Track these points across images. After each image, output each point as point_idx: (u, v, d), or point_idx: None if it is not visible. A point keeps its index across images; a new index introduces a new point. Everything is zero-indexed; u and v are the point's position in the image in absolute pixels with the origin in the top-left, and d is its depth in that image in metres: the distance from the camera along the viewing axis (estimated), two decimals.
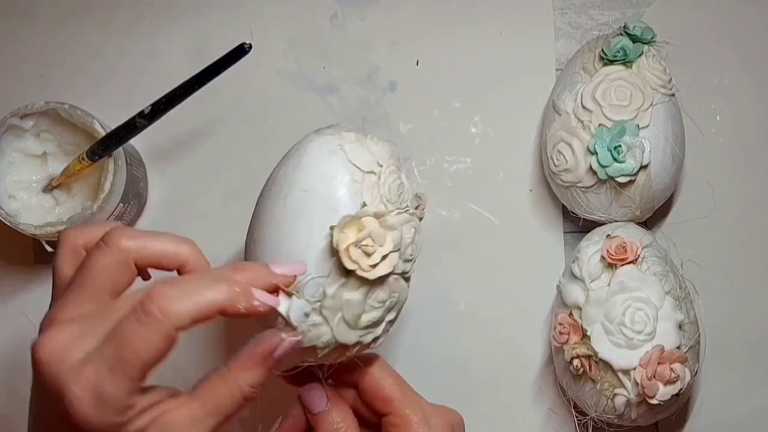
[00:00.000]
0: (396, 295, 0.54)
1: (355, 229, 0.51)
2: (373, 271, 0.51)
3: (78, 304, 0.46)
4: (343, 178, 0.53)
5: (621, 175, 0.63)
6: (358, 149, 0.54)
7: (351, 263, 0.51)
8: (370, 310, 0.52)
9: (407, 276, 0.54)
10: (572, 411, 0.65)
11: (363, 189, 0.53)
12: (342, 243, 0.51)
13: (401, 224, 0.53)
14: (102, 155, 0.60)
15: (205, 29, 0.71)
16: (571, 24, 0.71)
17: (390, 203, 0.53)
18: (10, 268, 0.69)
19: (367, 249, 0.51)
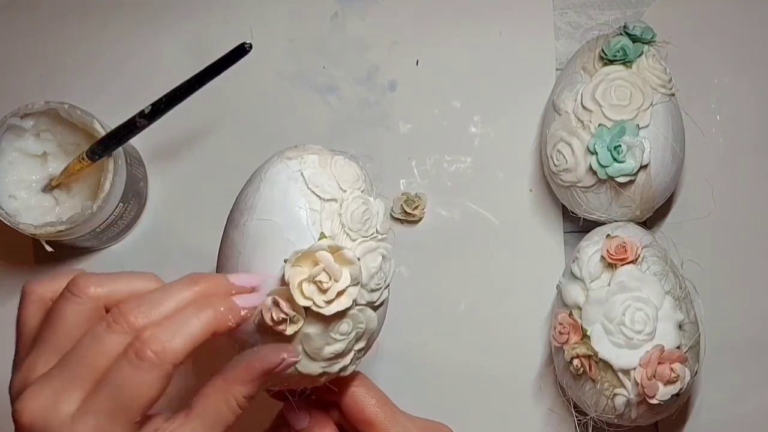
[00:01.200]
0: (362, 325, 0.51)
1: (309, 263, 0.49)
2: (329, 307, 0.49)
3: (49, 358, 0.45)
4: (301, 206, 0.50)
5: (621, 175, 0.63)
6: (320, 174, 0.51)
7: (304, 300, 0.49)
8: (333, 343, 0.50)
9: (376, 305, 0.52)
10: (572, 411, 0.65)
11: (322, 218, 0.50)
12: (294, 279, 0.49)
13: (365, 253, 0.51)
14: (102, 155, 0.60)
15: (205, 29, 0.71)
16: (571, 24, 0.71)
17: (353, 231, 0.51)
18: (10, 268, 0.69)
19: (321, 285, 0.49)
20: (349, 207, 0.51)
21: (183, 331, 0.45)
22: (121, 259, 0.69)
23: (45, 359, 0.45)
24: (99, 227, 0.63)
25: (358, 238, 0.51)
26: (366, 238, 0.51)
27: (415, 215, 0.69)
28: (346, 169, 0.52)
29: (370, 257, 0.51)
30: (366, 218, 0.51)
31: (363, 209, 0.51)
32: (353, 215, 0.51)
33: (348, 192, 0.51)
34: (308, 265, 0.49)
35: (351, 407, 0.54)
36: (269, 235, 0.50)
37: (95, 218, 0.61)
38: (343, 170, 0.52)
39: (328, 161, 0.52)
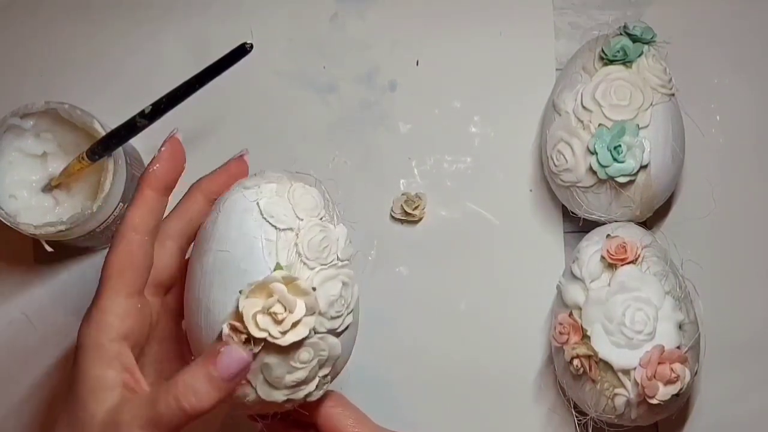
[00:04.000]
0: (324, 353, 0.51)
1: (263, 295, 0.49)
2: (285, 338, 0.49)
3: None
4: (257, 236, 0.51)
5: (621, 175, 0.63)
6: (276, 204, 0.51)
7: (258, 331, 0.49)
8: (294, 371, 0.50)
9: (338, 331, 0.52)
10: (572, 411, 0.65)
11: (279, 248, 0.50)
12: (248, 311, 0.49)
13: (324, 281, 0.51)
14: (102, 155, 0.60)
15: (206, 29, 0.71)
16: (571, 24, 0.71)
17: (310, 260, 0.51)
18: (10, 268, 0.69)
19: (276, 316, 0.49)
20: (305, 236, 0.51)
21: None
22: None
23: None
24: (99, 227, 0.63)
25: (317, 266, 0.51)
26: (325, 266, 0.51)
27: (415, 215, 0.69)
28: (305, 197, 0.52)
29: (329, 285, 0.51)
30: (324, 246, 0.51)
31: (320, 237, 0.51)
32: (310, 244, 0.51)
33: (305, 221, 0.51)
34: (262, 296, 0.49)
35: (328, 427, 0.54)
36: (226, 266, 0.51)
37: (95, 218, 0.61)
38: (301, 199, 0.52)
39: (286, 190, 0.52)
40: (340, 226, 0.53)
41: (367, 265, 0.69)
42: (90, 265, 0.69)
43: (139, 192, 0.53)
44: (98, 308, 0.50)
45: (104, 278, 0.51)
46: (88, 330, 0.50)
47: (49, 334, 0.68)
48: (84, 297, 0.68)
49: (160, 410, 0.48)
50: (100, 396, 0.49)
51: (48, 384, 0.67)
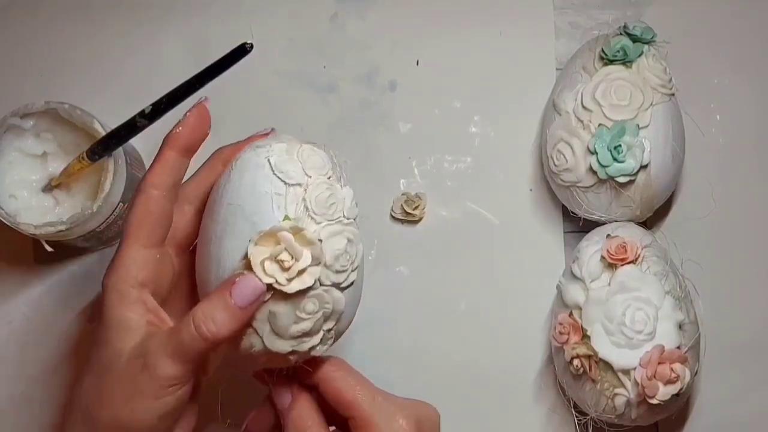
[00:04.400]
0: (329, 305, 0.53)
1: (272, 242, 0.51)
2: (290, 285, 0.51)
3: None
4: (267, 191, 0.53)
5: (621, 174, 0.63)
6: (286, 161, 0.53)
7: (266, 277, 0.51)
8: (300, 321, 0.52)
9: (343, 286, 0.53)
10: (572, 411, 0.65)
11: (287, 202, 0.52)
12: (256, 257, 0.51)
13: (330, 236, 0.52)
14: (102, 155, 0.60)
15: (205, 29, 0.71)
16: (571, 24, 0.71)
17: (317, 215, 0.52)
18: (10, 268, 0.69)
19: (282, 264, 0.51)
20: (313, 192, 0.53)
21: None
22: None
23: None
24: (99, 227, 0.63)
25: (323, 221, 0.53)
26: (331, 221, 0.53)
27: (415, 215, 0.69)
28: (313, 156, 0.54)
29: (335, 240, 0.53)
30: (331, 203, 0.53)
31: (327, 194, 0.53)
32: (317, 199, 0.53)
33: (313, 177, 0.53)
34: (270, 244, 0.51)
35: (330, 391, 0.55)
36: (237, 219, 0.53)
37: (95, 218, 0.61)
38: (310, 158, 0.54)
39: (296, 149, 0.54)
40: (347, 188, 0.55)
41: (367, 265, 0.69)
42: (90, 265, 0.69)
43: (160, 151, 0.55)
44: (119, 258, 0.53)
45: (125, 231, 0.54)
46: (110, 278, 0.53)
47: (49, 333, 0.68)
48: (84, 297, 0.68)
49: (182, 339, 0.50)
50: (125, 336, 0.52)
51: (48, 383, 0.67)
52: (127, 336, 0.52)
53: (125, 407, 0.51)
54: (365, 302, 0.59)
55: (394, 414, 0.54)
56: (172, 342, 0.51)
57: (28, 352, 0.68)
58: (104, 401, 0.52)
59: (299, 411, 0.55)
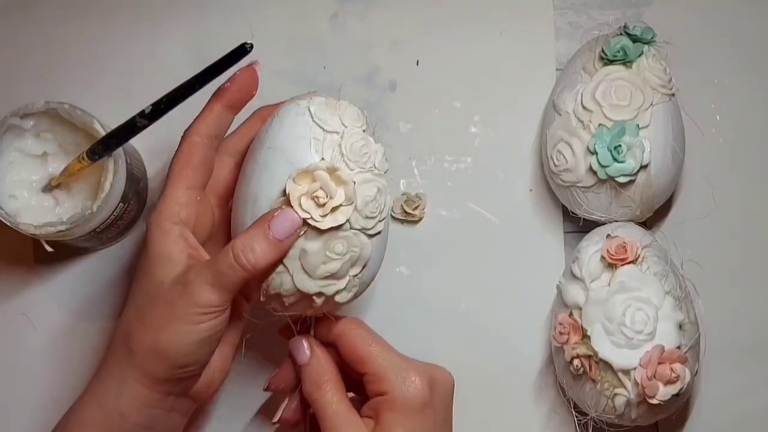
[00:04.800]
0: (356, 249, 0.56)
1: (309, 180, 0.55)
2: (324, 221, 0.54)
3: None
4: (305, 136, 0.56)
5: (621, 175, 0.63)
6: (324, 111, 0.57)
7: (303, 212, 0.54)
8: (328, 261, 0.55)
9: (370, 233, 0.56)
10: (572, 411, 0.65)
11: (324, 147, 0.56)
12: (294, 193, 0.54)
13: (362, 182, 0.55)
14: (102, 155, 0.60)
15: (205, 29, 0.71)
16: (571, 24, 0.72)
17: (351, 162, 0.56)
18: (10, 268, 0.69)
19: (318, 200, 0.54)
20: (349, 140, 0.56)
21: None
22: (121, 259, 0.69)
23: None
24: (99, 227, 0.63)
25: (356, 168, 0.56)
26: (363, 170, 0.56)
27: (415, 215, 0.69)
28: (350, 111, 0.58)
29: (366, 186, 0.56)
30: (364, 152, 0.56)
31: (362, 144, 0.56)
32: (352, 147, 0.56)
33: (349, 128, 0.57)
34: (307, 182, 0.55)
35: (347, 346, 0.58)
36: (277, 161, 0.56)
37: (95, 218, 0.61)
38: (347, 111, 0.57)
39: (335, 103, 0.58)
40: (379, 144, 0.58)
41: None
42: (90, 265, 0.69)
43: (207, 104, 0.58)
44: (162, 198, 0.56)
45: (168, 175, 0.57)
46: (153, 216, 0.56)
47: (49, 334, 0.68)
48: (84, 297, 0.68)
49: (221, 268, 0.53)
50: (167, 267, 0.55)
51: (48, 384, 0.67)
52: (169, 268, 0.55)
53: (165, 332, 0.54)
54: (365, 302, 0.60)
55: (407, 371, 0.56)
56: (211, 270, 0.53)
57: (28, 351, 0.68)
58: (145, 326, 0.54)
59: (316, 366, 0.57)
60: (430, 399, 0.57)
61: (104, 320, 0.68)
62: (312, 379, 0.57)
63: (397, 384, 0.56)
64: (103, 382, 0.56)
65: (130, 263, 0.69)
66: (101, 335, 0.68)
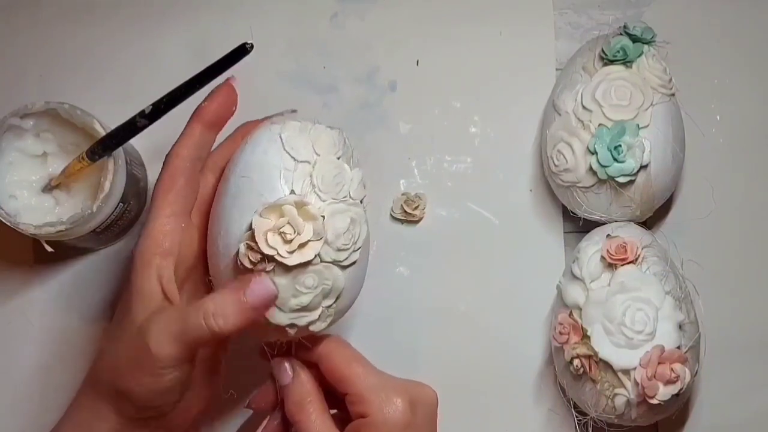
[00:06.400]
0: (328, 282, 0.55)
1: (276, 215, 0.53)
2: (291, 258, 0.53)
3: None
4: (276, 165, 0.55)
5: (621, 175, 0.63)
6: (297, 138, 0.56)
7: (268, 248, 0.53)
8: (299, 295, 0.54)
9: (344, 264, 0.55)
10: (572, 411, 0.65)
11: (294, 178, 0.54)
12: (260, 228, 0.53)
13: (334, 214, 0.54)
14: (102, 155, 0.60)
15: (205, 29, 0.71)
16: (571, 24, 0.71)
17: (323, 193, 0.54)
18: (10, 268, 0.69)
19: (285, 236, 0.53)
20: (320, 169, 0.55)
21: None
22: (121, 259, 0.69)
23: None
24: (99, 227, 0.63)
25: (328, 199, 0.55)
26: (336, 200, 0.55)
27: (415, 215, 0.69)
28: (324, 136, 0.56)
29: (338, 218, 0.54)
30: (338, 182, 0.55)
31: (335, 173, 0.55)
32: (324, 177, 0.55)
33: (322, 156, 0.55)
34: (275, 217, 0.53)
35: (328, 366, 0.56)
36: (246, 191, 0.55)
37: (95, 218, 0.61)
38: (320, 137, 0.56)
39: (308, 128, 0.56)
40: (357, 170, 0.56)
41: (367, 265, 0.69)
42: (90, 265, 0.69)
43: (187, 125, 0.57)
44: (145, 227, 0.56)
45: (152, 202, 0.56)
46: (137, 247, 0.55)
47: (49, 334, 0.68)
48: (84, 297, 0.68)
49: (188, 326, 0.52)
50: (143, 304, 0.54)
51: (47, 384, 0.67)
52: (145, 304, 0.54)
53: (130, 377, 0.53)
54: (365, 302, 0.59)
55: (389, 392, 0.55)
56: (178, 323, 0.52)
57: (28, 352, 0.68)
58: (114, 366, 0.54)
59: (298, 386, 0.57)
60: (413, 419, 0.55)
61: (104, 320, 0.68)
62: (294, 399, 0.56)
63: (379, 406, 0.54)
64: (79, 412, 0.56)
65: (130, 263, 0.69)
66: (101, 335, 0.68)
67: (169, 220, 0.55)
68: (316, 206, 0.54)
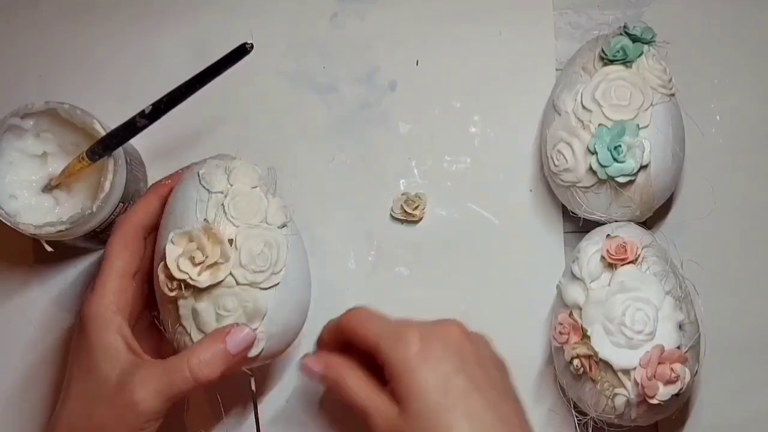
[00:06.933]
0: (248, 304, 0.57)
1: (186, 241, 0.57)
2: (201, 279, 0.56)
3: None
4: (192, 198, 0.58)
5: (621, 175, 0.63)
6: (213, 173, 0.59)
7: (179, 273, 0.56)
8: (220, 318, 0.57)
9: (263, 286, 0.57)
10: (572, 411, 0.65)
11: (208, 207, 0.58)
12: (171, 254, 0.56)
13: (247, 238, 0.57)
14: (102, 155, 0.60)
15: (205, 29, 0.71)
16: (571, 24, 0.71)
17: (235, 219, 0.57)
18: (10, 268, 0.69)
19: (194, 260, 0.56)
20: (233, 198, 0.58)
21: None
22: None
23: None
24: (99, 227, 0.63)
25: (241, 224, 0.57)
26: (250, 225, 0.58)
27: (415, 215, 0.69)
28: (241, 169, 0.59)
29: (252, 241, 0.57)
30: (251, 208, 0.58)
31: (247, 200, 0.58)
32: (236, 204, 0.58)
33: (235, 186, 0.58)
34: (185, 243, 0.57)
35: (352, 337, 0.57)
36: (170, 224, 0.59)
37: (95, 218, 0.61)
38: (238, 170, 0.59)
39: (226, 163, 0.60)
40: (276, 199, 0.59)
41: (367, 265, 0.69)
42: (90, 265, 0.69)
43: (146, 195, 0.61)
44: (100, 285, 0.58)
45: (103, 260, 0.59)
46: (91, 306, 0.57)
47: (49, 333, 0.68)
48: None
49: (174, 380, 0.55)
50: (111, 362, 0.56)
51: (47, 384, 0.67)
52: (113, 362, 0.56)
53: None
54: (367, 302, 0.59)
55: (398, 332, 0.55)
56: (162, 379, 0.55)
57: (28, 351, 0.68)
58: (93, 426, 0.55)
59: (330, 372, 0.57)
60: (426, 352, 0.54)
61: None
62: (331, 382, 0.57)
63: (389, 347, 0.55)
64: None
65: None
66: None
67: (120, 280, 0.58)
68: (227, 231, 0.57)
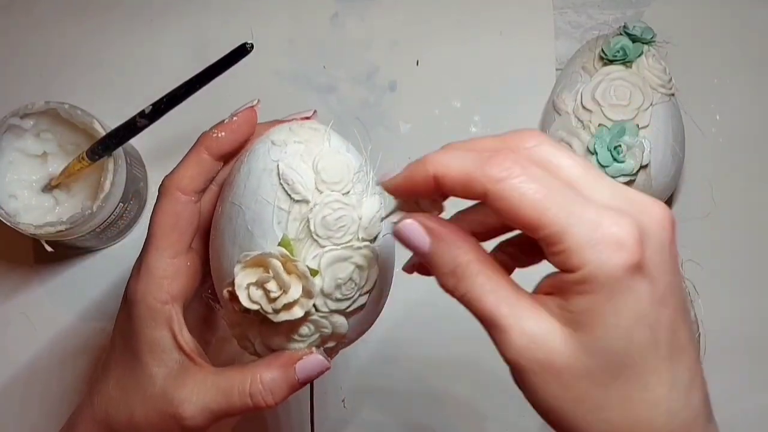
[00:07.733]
0: (327, 330, 0.48)
1: (259, 268, 0.47)
2: (278, 316, 0.47)
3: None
4: (270, 201, 0.47)
5: (621, 175, 0.63)
6: (297, 170, 0.47)
7: (250, 303, 0.46)
8: (294, 342, 0.49)
9: (348, 311, 0.48)
10: None
11: (290, 219, 0.46)
12: (241, 281, 0.46)
13: (331, 263, 0.47)
14: (102, 155, 0.60)
15: (205, 29, 0.71)
16: (571, 24, 0.72)
17: (321, 238, 0.46)
18: (10, 268, 0.69)
19: (269, 293, 0.46)
20: (320, 212, 0.46)
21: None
22: (121, 260, 0.69)
23: None
24: (99, 227, 0.63)
25: (328, 245, 0.47)
26: (337, 246, 0.47)
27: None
28: (331, 167, 0.47)
29: (338, 267, 0.47)
30: (340, 225, 0.47)
31: (337, 216, 0.47)
32: (324, 221, 0.46)
33: (324, 194, 0.47)
34: (259, 270, 0.47)
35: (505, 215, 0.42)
36: (237, 221, 0.48)
37: (95, 218, 0.61)
38: (327, 168, 0.47)
39: (313, 155, 0.47)
40: (370, 202, 0.48)
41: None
42: (90, 265, 0.69)
43: (194, 151, 0.51)
44: (146, 267, 0.50)
45: (150, 236, 0.50)
46: (139, 290, 0.50)
47: (49, 334, 0.68)
48: (84, 297, 0.68)
49: (231, 401, 0.49)
50: (159, 358, 0.50)
51: (47, 384, 0.67)
52: (162, 359, 0.50)
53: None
54: None
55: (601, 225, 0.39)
56: (216, 400, 0.49)
57: (28, 352, 0.68)
58: (128, 417, 0.51)
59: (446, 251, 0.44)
60: (645, 264, 0.39)
61: (104, 320, 0.68)
62: (446, 269, 0.43)
63: (585, 245, 0.38)
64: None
65: (130, 263, 0.68)
66: (101, 335, 0.68)
67: (172, 261, 0.50)
68: (310, 257, 0.46)
